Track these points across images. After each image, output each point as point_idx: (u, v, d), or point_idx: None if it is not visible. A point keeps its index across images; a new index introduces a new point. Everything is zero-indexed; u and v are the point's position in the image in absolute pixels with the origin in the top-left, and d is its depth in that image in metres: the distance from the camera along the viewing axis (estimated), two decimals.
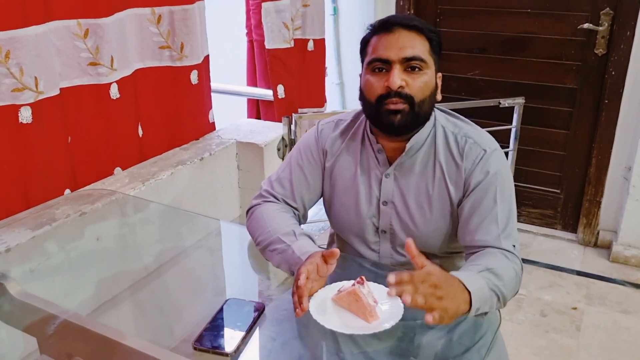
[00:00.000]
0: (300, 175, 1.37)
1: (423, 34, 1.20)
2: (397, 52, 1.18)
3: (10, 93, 1.50)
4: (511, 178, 1.28)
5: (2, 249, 1.36)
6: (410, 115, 1.19)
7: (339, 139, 1.37)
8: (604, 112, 2.68)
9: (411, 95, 1.18)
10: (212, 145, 2.11)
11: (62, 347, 1.14)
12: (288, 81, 2.47)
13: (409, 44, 1.18)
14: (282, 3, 2.35)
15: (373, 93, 1.21)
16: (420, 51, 1.19)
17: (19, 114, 1.53)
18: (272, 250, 1.24)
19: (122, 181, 1.77)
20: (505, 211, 1.21)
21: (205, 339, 1.02)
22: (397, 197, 1.29)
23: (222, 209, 2.15)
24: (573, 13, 2.66)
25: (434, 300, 0.94)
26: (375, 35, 1.23)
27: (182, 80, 2.05)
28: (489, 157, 1.24)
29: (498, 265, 1.12)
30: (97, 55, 1.71)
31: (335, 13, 3.15)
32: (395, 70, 1.17)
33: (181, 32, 1.98)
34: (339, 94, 3.30)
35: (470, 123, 1.32)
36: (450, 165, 1.26)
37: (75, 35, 1.65)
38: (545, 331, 2.27)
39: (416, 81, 1.19)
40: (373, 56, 1.21)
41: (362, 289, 1.05)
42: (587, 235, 2.90)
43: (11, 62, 1.48)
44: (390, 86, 1.17)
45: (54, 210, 1.55)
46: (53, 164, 1.63)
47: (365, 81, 1.24)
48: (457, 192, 1.25)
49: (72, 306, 1.37)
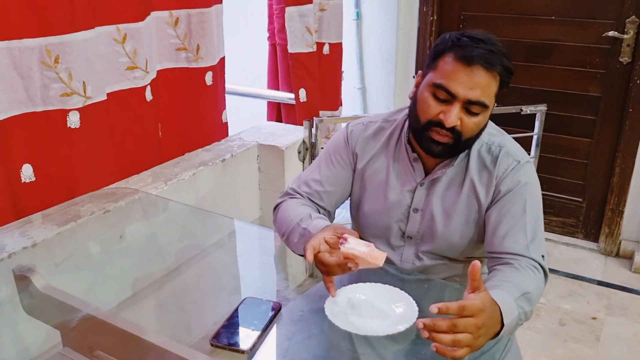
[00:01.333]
0: (329, 175, 1.38)
1: (499, 76, 1.17)
2: (466, 91, 1.14)
3: (59, 98, 1.53)
4: (540, 192, 1.28)
5: (28, 244, 1.39)
6: (453, 149, 1.21)
7: (371, 140, 1.37)
8: (628, 120, 2.65)
9: (461, 132, 1.18)
10: (233, 147, 2.14)
11: (84, 340, 1.17)
12: (310, 85, 2.49)
13: (481, 86, 1.14)
14: (306, 8, 2.37)
15: (426, 115, 1.19)
16: (487, 95, 1.16)
17: (67, 118, 1.56)
18: (295, 237, 1.25)
19: (145, 180, 1.80)
20: (533, 222, 1.21)
21: (222, 336, 1.04)
22: (428, 205, 1.30)
23: (243, 210, 2.18)
24: (598, 20, 2.64)
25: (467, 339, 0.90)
26: (453, 54, 1.16)
27: (197, 81, 2.08)
28: (521, 167, 1.24)
29: (532, 287, 1.10)
30: (135, 58, 1.75)
31: (358, 18, 3.16)
32: (456, 109, 1.15)
33: (197, 35, 2.01)
34: (360, 99, 3.32)
35: (504, 134, 1.32)
36: (482, 172, 1.26)
37: (114, 41, 1.69)
38: (564, 340, 2.25)
39: (471, 121, 1.17)
40: (441, 82, 1.15)
41: (347, 246, 1.03)
42: (609, 245, 2.86)
43: (60, 66, 1.51)
44: (445, 123, 1.15)
45: (79, 208, 1.59)
46: (97, 167, 1.68)
47: (422, 97, 1.20)
48: (487, 198, 1.25)
49: (94, 302, 1.40)
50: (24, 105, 1.49)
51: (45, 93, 1.51)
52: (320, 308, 1.09)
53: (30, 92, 1.49)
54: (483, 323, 0.91)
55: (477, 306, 0.91)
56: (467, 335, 0.90)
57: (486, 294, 0.94)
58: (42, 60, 1.48)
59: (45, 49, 1.48)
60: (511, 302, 1.02)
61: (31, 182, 1.53)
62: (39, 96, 1.51)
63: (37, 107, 1.51)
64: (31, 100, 1.50)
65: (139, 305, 1.52)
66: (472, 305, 0.90)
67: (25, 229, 1.46)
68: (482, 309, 0.91)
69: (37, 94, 1.50)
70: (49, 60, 1.49)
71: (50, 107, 1.53)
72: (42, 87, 1.51)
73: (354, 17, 3.14)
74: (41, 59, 1.48)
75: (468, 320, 0.90)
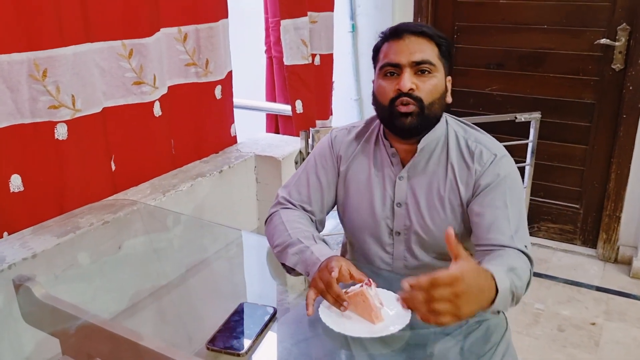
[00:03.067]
0: (316, 181, 1.42)
1: (432, 40, 1.26)
2: (407, 56, 1.23)
3: (47, 110, 1.56)
4: (521, 183, 1.32)
5: (28, 255, 1.42)
6: (421, 117, 1.24)
7: (353, 143, 1.41)
8: (623, 126, 2.67)
9: (420, 97, 1.23)
10: (231, 158, 2.17)
11: (82, 347, 1.18)
12: (306, 96, 2.52)
13: (418, 48, 1.24)
14: (301, 20, 2.41)
15: (385, 96, 1.26)
16: (429, 55, 1.24)
17: (55, 130, 1.59)
18: (290, 251, 1.27)
19: (143, 192, 1.82)
20: (516, 213, 1.24)
21: (218, 340, 1.06)
22: (410, 198, 1.32)
23: (240, 221, 2.20)
24: (590, 29, 2.67)
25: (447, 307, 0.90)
26: (386, 42, 1.29)
27: (207, 96, 2.12)
28: (499, 161, 1.27)
29: (519, 266, 1.13)
30: (142, 74, 1.78)
31: (354, 30, 3.21)
32: (406, 74, 1.23)
33: (206, 49, 2.05)
34: (357, 110, 3.35)
35: (480, 130, 1.36)
36: (461, 167, 1.29)
37: (119, 56, 1.72)
38: (563, 346, 2.25)
39: (426, 84, 1.24)
40: (384, 61, 1.26)
41: (369, 291, 1.07)
42: (607, 251, 2.87)
43: (48, 80, 1.54)
44: (401, 88, 1.22)
45: (79, 219, 1.61)
46: (91, 179, 1.70)
47: (377, 86, 1.29)
48: (467, 192, 1.28)
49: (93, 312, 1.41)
50: (13, 117, 1.52)
51: (33, 105, 1.54)
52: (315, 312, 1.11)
53: (18, 105, 1.52)
54: (462, 291, 0.90)
55: (453, 275, 0.90)
56: (445, 304, 0.89)
57: (467, 263, 0.93)
58: (30, 73, 1.51)
59: (33, 63, 1.51)
60: (503, 273, 1.04)
61: (20, 192, 1.56)
62: (27, 108, 1.54)
63: (25, 119, 1.54)
64: (19, 113, 1.53)
65: (138, 316, 1.53)
66: (447, 275, 0.89)
67: (25, 240, 1.49)
68: (459, 277, 0.90)
69: (26, 106, 1.53)
70: (37, 73, 1.52)
71: (38, 119, 1.56)
72: (30, 100, 1.54)
73: (349, 30, 3.19)
74: (29, 73, 1.51)
75: (444, 289, 0.89)
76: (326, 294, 1.11)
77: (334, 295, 1.09)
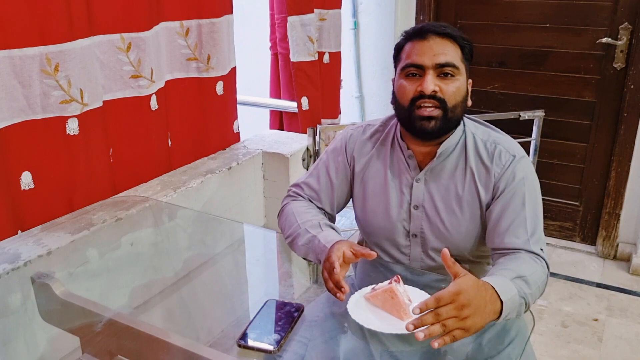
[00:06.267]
0: (327, 179, 1.42)
1: (456, 42, 1.25)
2: (431, 58, 1.22)
3: (59, 105, 1.54)
4: (538, 185, 1.32)
5: (43, 252, 1.40)
6: (443, 121, 1.23)
7: (368, 143, 1.40)
8: (623, 125, 2.70)
9: (444, 99, 1.22)
10: (239, 155, 2.16)
11: (104, 345, 1.17)
12: (312, 93, 2.51)
13: (442, 50, 1.23)
14: (307, 17, 2.41)
15: (406, 97, 1.25)
16: (453, 58, 1.23)
17: (67, 125, 1.58)
18: (300, 242, 1.29)
19: (154, 188, 1.81)
20: (532, 216, 1.24)
21: (248, 337, 1.05)
22: (428, 201, 1.32)
23: (248, 217, 2.19)
24: (592, 27, 2.70)
25: (455, 322, 0.95)
26: (409, 41, 1.27)
27: (208, 91, 2.10)
28: (518, 162, 1.27)
29: (529, 271, 1.14)
30: (139, 67, 1.76)
31: (356, 27, 3.21)
32: (429, 76, 1.21)
33: (208, 45, 2.03)
34: (358, 107, 3.35)
35: (498, 130, 1.36)
36: (480, 169, 1.29)
37: (118, 49, 1.70)
38: (567, 342, 2.27)
39: (449, 87, 1.23)
40: (407, 62, 1.25)
41: (398, 287, 1.08)
42: (606, 248, 2.90)
43: (60, 74, 1.52)
44: (424, 90, 1.21)
45: (91, 216, 1.59)
46: (95, 174, 1.68)
47: (398, 85, 1.28)
48: (487, 195, 1.28)
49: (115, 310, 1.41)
50: (24, 113, 1.50)
51: (45, 101, 1.52)
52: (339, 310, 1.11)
53: (30, 100, 1.50)
54: (465, 303, 0.95)
55: (453, 291, 0.96)
56: (452, 319, 0.95)
57: (466, 278, 0.99)
58: (42, 68, 1.49)
59: (45, 57, 1.49)
60: (506, 281, 1.06)
61: (30, 190, 1.54)
62: (38, 104, 1.52)
63: (37, 114, 1.52)
64: (31, 108, 1.51)
65: (152, 311, 1.53)
66: (447, 292, 0.96)
67: (40, 237, 1.47)
68: (459, 292, 0.95)
69: (37, 102, 1.51)
70: (49, 68, 1.50)
71: (49, 114, 1.54)
72: (42, 95, 1.52)
73: (351, 27, 3.18)
74: (41, 67, 1.49)
75: (448, 306, 0.95)
76: (328, 282, 1.12)
77: (333, 282, 1.11)
